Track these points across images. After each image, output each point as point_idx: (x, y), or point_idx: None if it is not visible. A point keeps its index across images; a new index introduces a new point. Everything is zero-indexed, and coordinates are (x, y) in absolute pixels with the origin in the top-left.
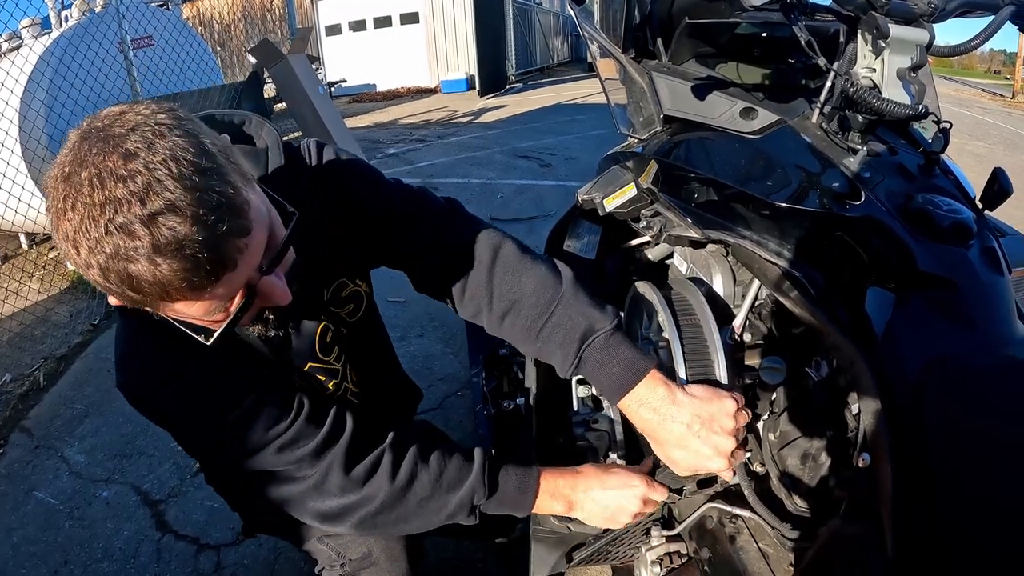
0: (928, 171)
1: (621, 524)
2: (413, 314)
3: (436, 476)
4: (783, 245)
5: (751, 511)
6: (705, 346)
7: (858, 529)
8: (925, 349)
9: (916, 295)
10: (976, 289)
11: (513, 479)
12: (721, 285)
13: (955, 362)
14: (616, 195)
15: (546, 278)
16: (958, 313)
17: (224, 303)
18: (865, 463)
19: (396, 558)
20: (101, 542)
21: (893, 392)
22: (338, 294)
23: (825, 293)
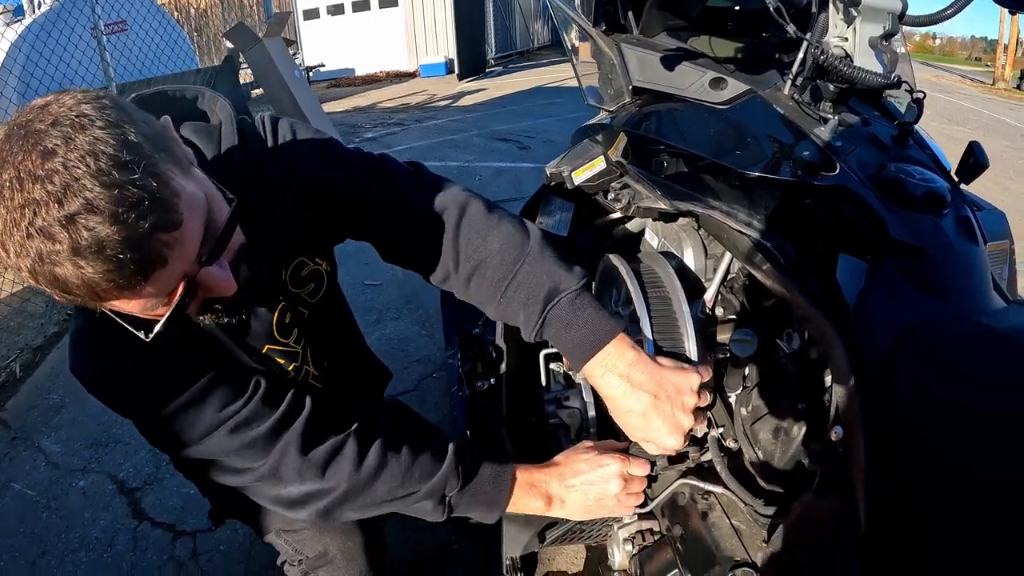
0: (902, 142)
1: (610, 511)
2: (389, 297)
3: (407, 464)
4: (753, 215)
5: (724, 487)
6: (674, 318)
7: (831, 503)
8: (897, 318)
9: (888, 264)
10: (949, 258)
11: (487, 471)
12: (692, 259)
13: (926, 331)
14: (585, 168)
15: (513, 236)
16: (931, 282)
17: (162, 298)
18: (838, 436)
19: (353, 557)
20: (78, 532)
21: (865, 362)
22: (297, 274)
23: (796, 264)
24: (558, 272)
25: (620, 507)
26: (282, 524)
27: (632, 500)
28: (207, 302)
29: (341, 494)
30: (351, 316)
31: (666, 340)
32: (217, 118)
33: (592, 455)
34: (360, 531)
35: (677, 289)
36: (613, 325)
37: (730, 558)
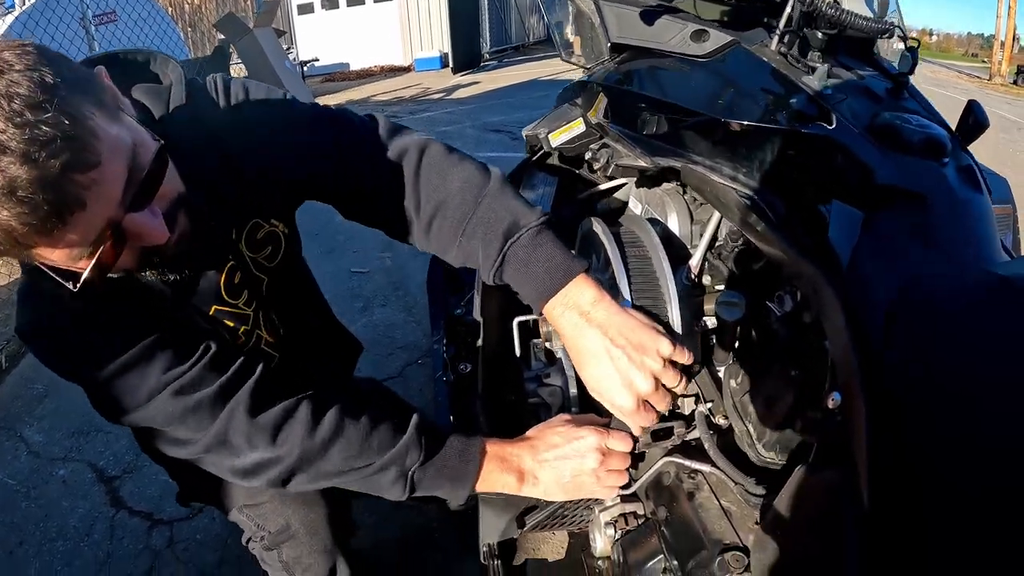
0: (896, 94)
1: (589, 491)
2: (376, 284)
3: (365, 432)
4: (739, 169)
5: (712, 466)
6: (656, 283)
7: (829, 476)
8: (897, 272)
9: (885, 214)
10: (951, 206)
11: (454, 444)
12: (677, 224)
13: (929, 285)
14: (562, 130)
15: (473, 175)
16: (932, 232)
17: (87, 247)
18: (835, 403)
19: (316, 530)
20: (56, 521)
21: (863, 321)
22: (253, 236)
23: (786, 217)
24: (519, 208)
25: (600, 486)
26: (244, 499)
27: (613, 479)
28: (145, 255)
29: (294, 461)
30: (314, 284)
31: (646, 300)
32: (168, 79)
33: (568, 428)
34: (324, 503)
35: (659, 253)
36: (576, 263)
37: (719, 541)
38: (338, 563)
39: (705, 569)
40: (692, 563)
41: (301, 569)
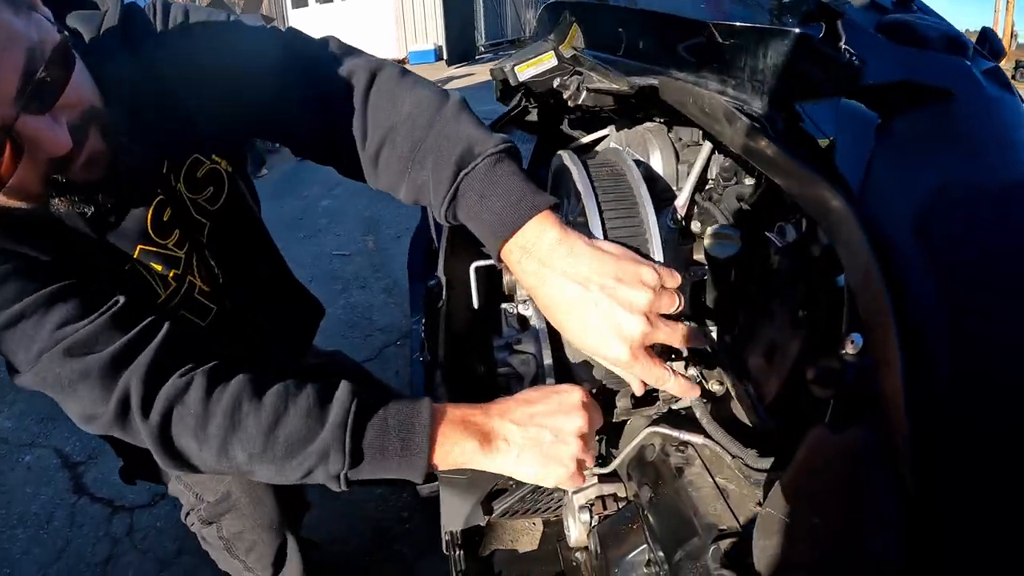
0: (904, 4)
1: (572, 460)
2: (357, 266)
3: (270, 423)
4: (727, 80)
5: (705, 436)
6: (635, 218)
7: (853, 438)
8: (922, 180)
9: (905, 115)
10: (980, 103)
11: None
12: (660, 163)
13: (968, 186)
14: (531, 63)
15: (427, 98)
16: (960, 132)
17: None
18: (856, 346)
19: (260, 501)
20: (18, 508)
21: (887, 236)
22: (193, 174)
23: (787, 129)
24: (476, 134)
25: (587, 453)
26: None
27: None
28: (51, 177)
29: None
30: (265, 232)
31: (620, 235)
32: (106, 6)
33: (546, 388)
34: None
35: (640, 185)
36: (541, 197)
37: (713, 526)
38: (288, 544)
39: (696, 561)
40: (680, 553)
41: (245, 548)
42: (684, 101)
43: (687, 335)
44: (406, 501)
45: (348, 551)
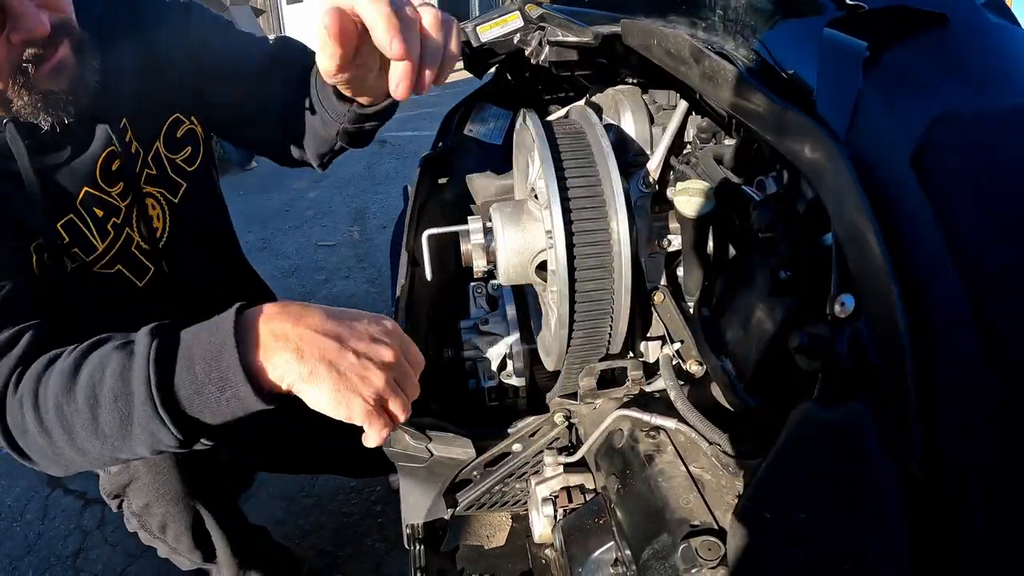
0: None
1: (369, 398)
2: (341, 257)
3: (89, 421)
4: (697, 22)
5: (678, 420)
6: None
7: (844, 413)
8: (919, 110)
9: (896, 46)
10: (979, 30)
11: (200, 370)
12: (633, 125)
13: (971, 114)
14: (494, 23)
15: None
16: (959, 61)
17: None
18: (846, 309)
19: (161, 471)
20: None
21: (881, 179)
22: (173, 133)
23: (761, 71)
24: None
25: (394, 395)
26: None
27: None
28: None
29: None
30: (224, 204)
31: (586, 215)
32: None
33: (359, 312)
34: None
35: (604, 144)
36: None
37: (684, 521)
38: (202, 514)
39: (664, 561)
40: (649, 552)
41: (157, 525)
42: (648, 44)
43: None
44: (378, 494)
45: (316, 545)
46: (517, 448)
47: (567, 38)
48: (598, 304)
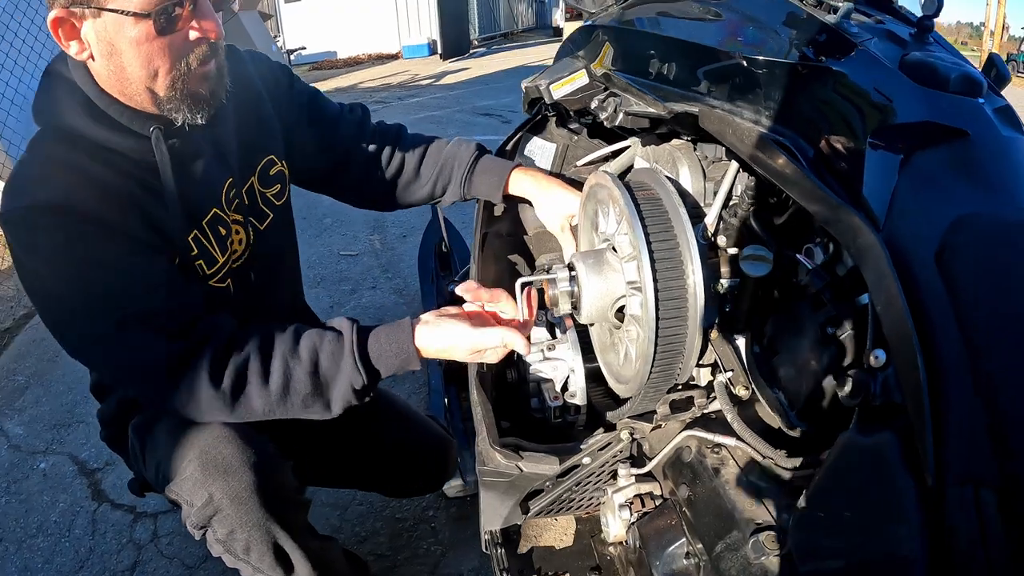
0: (920, 39)
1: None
2: (365, 266)
3: (311, 369)
4: (761, 110)
5: (737, 438)
6: (672, 234)
7: (878, 439)
8: (943, 211)
9: (925, 152)
10: (994, 143)
11: (387, 346)
12: (689, 180)
13: (989, 218)
14: (564, 81)
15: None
16: (977, 169)
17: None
18: (879, 361)
19: (242, 501)
20: (37, 516)
21: (909, 265)
22: (267, 171)
23: (817, 160)
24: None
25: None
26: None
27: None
28: (183, 57)
29: (261, 412)
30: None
31: (668, 272)
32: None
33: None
34: (249, 471)
35: (676, 202)
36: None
37: (750, 520)
38: (279, 538)
39: (736, 552)
40: (721, 546)
41: (241, 547)
42: (723, 131)
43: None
44: (428, 500)
45: (374, 551)
46: (587, 461)
47: (643, 108)
48: (675, 345)
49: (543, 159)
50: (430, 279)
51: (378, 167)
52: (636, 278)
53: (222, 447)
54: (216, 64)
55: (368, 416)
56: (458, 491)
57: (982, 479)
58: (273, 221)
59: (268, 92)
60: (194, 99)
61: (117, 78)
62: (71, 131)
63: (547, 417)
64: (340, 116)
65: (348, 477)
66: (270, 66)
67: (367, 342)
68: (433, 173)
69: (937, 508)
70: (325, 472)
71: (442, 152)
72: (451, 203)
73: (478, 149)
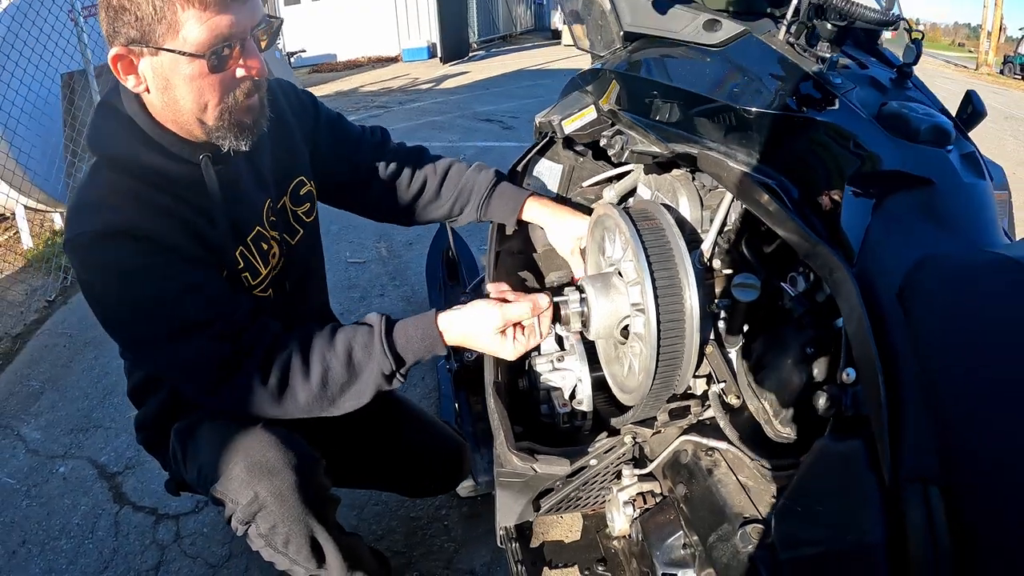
0: (900, 84)
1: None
2: (373, 274)
3: (346, 360)
4: (752, 154)
5: (728, 443)
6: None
7: (848, 446)
8: (908, 251)
9: (894, 198)
10: (957, 190)
11: (414, 333)
12: (688, 209)
13: (944, 260)
14: (575, 117)
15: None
16: (939, 214)
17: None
18: (849, 378)
19: (284, 498)
20: (59, 519)
21: (877, 298)
22: (297, 191)
23: (800, 202)
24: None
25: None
26: (215, 473)
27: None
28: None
29: (304, 406)
30: (323, 259)
31: (668, 295)
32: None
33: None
34: (291, 471)
35: (675, 232)
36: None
37: (739, 514)
38: (315, 532)
39: (727, 542)
40: (714, 537)
41: (281, 541)
42: (719, 174)
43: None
44: (441, 500)
45: (391, 547)
46: (594, 462)
47: (648, 148)
48: (674, 359)
49: (551, 179)
50: (438, 287)
51: (399, 185)
52: (640, 301)
53: (266, 450)
54: (259, 97)
55: (388, 420)
56: (470, 491)
57: (930, 478)
58: (303, 236)
59: (296, 118)
60: (240, 128)
61: (171, 109)
62: (128, 160)
63: (556, 422)
64: (361, 138)
65: (369, 477)
66: (297, 93)
67: (394, 330)
68: (453, 194)
69: (895, 503)
70: (348, 473)
71: (463, 175)
72: (466, 223)
73: (496, 175)
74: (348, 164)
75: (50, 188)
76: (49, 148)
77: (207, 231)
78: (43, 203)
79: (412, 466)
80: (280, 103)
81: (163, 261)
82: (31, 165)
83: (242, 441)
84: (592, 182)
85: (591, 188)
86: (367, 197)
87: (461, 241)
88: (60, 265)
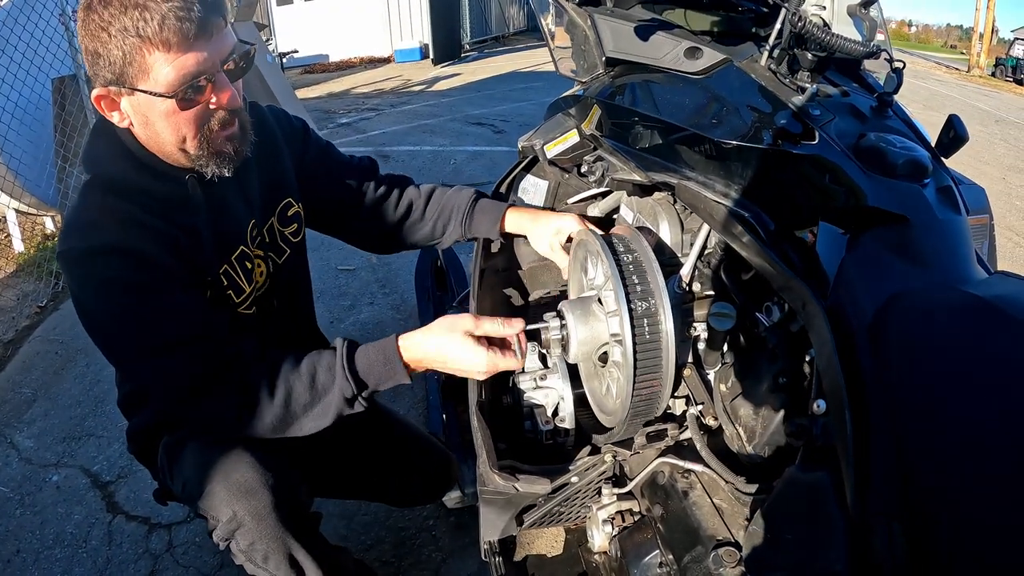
0: (881, 113)
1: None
2: (363, 282)
3: (309, 382)
4: (730, 186)
5: (704, 465)
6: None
7: (816, 477)
8: (879, 287)
9: (869, 233)
10: (931, 226)
11: (375, 357)
12: (668, 233)
13: (912, 299)
14: (558, 141)
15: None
16: (913, 251)
17: (194, 75)
18: (819, 410)
19: (262, 517)
20: (52, 528)
21: (847, 332)
22: (285, 212)
23: (775, 234)
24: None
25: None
26: (198, 489)
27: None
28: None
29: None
30: (310, 282)
31: (646, 324)
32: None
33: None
34: (268, 492)
35: (651, 261)
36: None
37: (712, 537)
38: (293, 550)
39: (700, 564)
40: (688, 558)
41: (260, 557)
42: (696, 206)
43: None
44: (429, 511)
45: (379, 558)
46: (575, 480)
47: (627, 176)
48: (651, 384)
49: (536, 196)
50: (426, 297)
51: (386, 208)
52: (619, 331)
53: (245, 470)
54: (239, 122)
55: (375, 432)
56: (457, 502)
57: (893, 514)
58: (289, 256)
59: (287, 142)
60: (219, 156)
61: (154, 141)
62: (119, 180)
63: (539, 439)
64: (350, 164)
65: (357, 488)
66: (289, 119)
67: (356, 354)
68: (436, 213)
69: (860, 535)
70: (336, 483)
71: (445, 195)
72: (451, 243)
73: (476, 194)
74: (337, 188)
75: (41, 193)
76: (40, 152)
77: (193, 250)
78: (34, 207)
79: (400, 477)
80: (271, 127)
81: (148, 278)
82: (22, 170)
83: (224, 460)
84: (577, 199)
85: (576, 205)
86: (355, 220)
87: (450, 251)
88: (51, 270)
